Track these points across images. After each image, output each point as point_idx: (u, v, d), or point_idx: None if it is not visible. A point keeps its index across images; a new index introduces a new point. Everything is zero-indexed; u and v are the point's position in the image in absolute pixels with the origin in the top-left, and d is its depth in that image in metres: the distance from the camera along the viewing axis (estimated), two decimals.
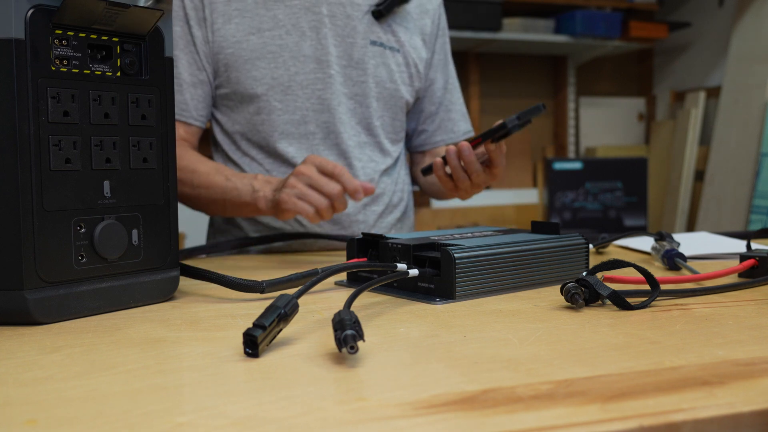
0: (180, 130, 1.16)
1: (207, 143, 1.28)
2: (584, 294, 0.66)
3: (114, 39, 0.67)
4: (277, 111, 1.17)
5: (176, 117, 1.13)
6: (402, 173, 1.31)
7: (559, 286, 0.68)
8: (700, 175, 3.12)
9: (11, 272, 0.61)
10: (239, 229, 1.23)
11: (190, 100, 1.16)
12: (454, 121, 1.34)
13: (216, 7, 1.14)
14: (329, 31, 1.17)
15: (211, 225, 1.30)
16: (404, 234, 0.85)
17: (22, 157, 0.61)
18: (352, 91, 1.20)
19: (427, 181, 1.34)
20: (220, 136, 1.22)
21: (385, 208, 1.26)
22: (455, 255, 0.71)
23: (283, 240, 1.13)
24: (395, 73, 1.23)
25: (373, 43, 1.21)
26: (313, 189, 0.96)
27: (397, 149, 1.28)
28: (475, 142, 1.02)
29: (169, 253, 0.72)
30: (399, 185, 1.29)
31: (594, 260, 0.93)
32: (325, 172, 0.97)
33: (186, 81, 1.15)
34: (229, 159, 1.21)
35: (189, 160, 1.13)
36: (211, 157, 1.24)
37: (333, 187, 0.95)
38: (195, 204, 1.16)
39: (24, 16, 0.60)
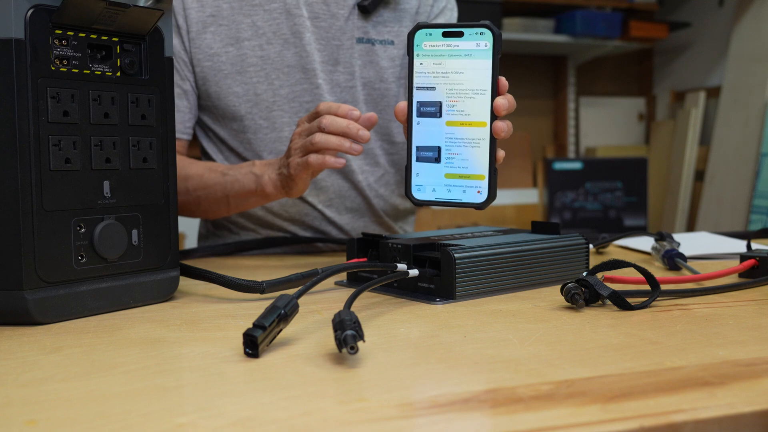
0: None
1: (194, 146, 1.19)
2: (584, 294, 0.66)
3: (114, 39, 0.67)
4: (264, 129, 1.09)
5: None
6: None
7: (559, 286, 0.68)
8: (700, 175, 3.11)
9: (11, 272, 0.61)
10: (233, 234, 1.17)
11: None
12: None
13: (190, 14, 1.05)
14: (312, 35, 1.08)
15: (202, 233, 1.24)
16: (404, 234, 0.85)
17: (22, 157, 0.61)
18: (341, 98, 1.10)
19: None
20: (206, 143, 1.14)
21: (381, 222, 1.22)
22: (455, 255, 0.71)
23: (283, 245, 1.12)
24: (386, 71, 1.12)
25: (360, 40, 1.10)
26: (317, 134, 0.87)
27: (385, 156, 1.16)
28: None
29: (168, 253, 0.72)
30: (390, 188, 1.21)
31: (594, 260, 0.93)
32: (317, 116, 0.88)
33: None
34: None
35: (178, 167, 1.05)
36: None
37: (330, 120, 0.86)
38: (196, 209, 1.09)
39: (24, 16, 0.60)
